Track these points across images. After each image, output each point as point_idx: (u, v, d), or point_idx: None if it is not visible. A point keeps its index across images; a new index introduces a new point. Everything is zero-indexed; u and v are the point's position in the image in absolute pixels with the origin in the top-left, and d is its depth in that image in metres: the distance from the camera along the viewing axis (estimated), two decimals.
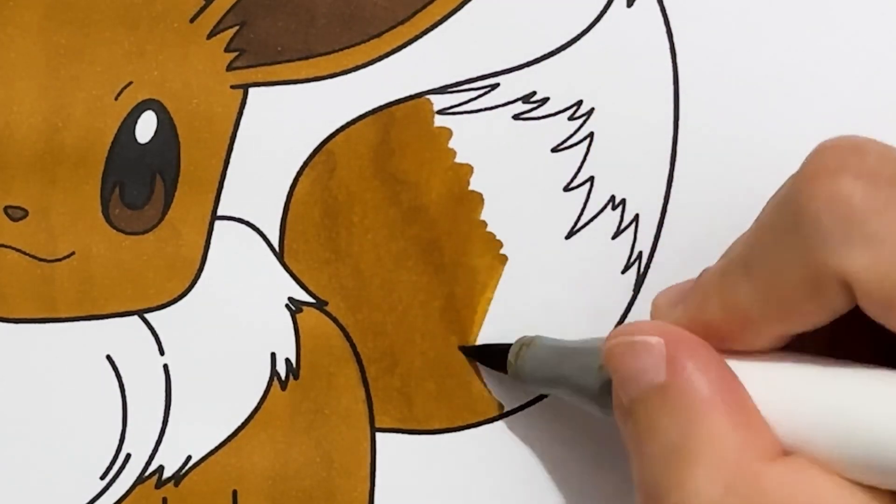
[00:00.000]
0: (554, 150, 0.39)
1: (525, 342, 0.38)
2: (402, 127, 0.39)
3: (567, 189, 0.39)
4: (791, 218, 0.30)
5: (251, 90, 0.39)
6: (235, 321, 0.39)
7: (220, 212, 0.39)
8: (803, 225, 0.29)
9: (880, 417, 0.29)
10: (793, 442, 0.30)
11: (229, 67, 0.39)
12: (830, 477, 0.30)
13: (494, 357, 0.39)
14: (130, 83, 0.39)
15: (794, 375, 0.31)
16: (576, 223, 0.39)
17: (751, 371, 0.31)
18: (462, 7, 0.39)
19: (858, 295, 0.29)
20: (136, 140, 0.39)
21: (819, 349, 0.32)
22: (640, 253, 0.39)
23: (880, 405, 0.29)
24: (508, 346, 0.38)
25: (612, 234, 0.39)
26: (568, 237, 0.39)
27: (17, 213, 0.39)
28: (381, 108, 0.39)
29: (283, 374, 0.39)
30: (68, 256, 0.39)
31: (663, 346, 0.31)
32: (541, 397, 0.39)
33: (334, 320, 0.39)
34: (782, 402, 0.31)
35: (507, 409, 0.39)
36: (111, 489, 0.39)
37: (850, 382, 0.30)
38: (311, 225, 0.39)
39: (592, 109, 0.39)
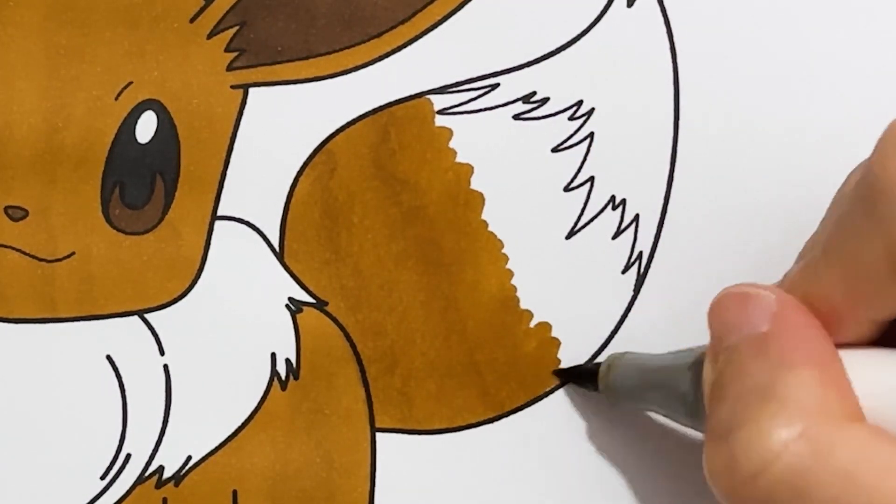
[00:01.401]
0: (554, 150, 0.39)
1: (615, 356, 0.38)
2: (402, 127, 0.39)
3: (567, 189, 0.39)
4: (867, 198, 0.30)
5: (251, 90, 0.39)
6: (235, 321, 0.39)
7: (220, 212, 0.39)
8: (880, 203, 0.29)
9: None
10: (876, 421, 0.30)
11: (229, 67, 0.39)
12: None
13: (585, 376, 0.39)
14: (130, 83, 0.39)
15: (883, 360, 0.31)
16: (576, 223, 0.39)
17: (843, 353, 0.31)
18: (462, 7, 0.39)
19: None
20: (136, 140, 0.39)
21: None
22: (640, 253, 0.39)
23: None
24: (598, 365, 0.38)
25: (612, 234, 0.39)
26: (568, 237, 0.39)
27: (17, 213, 0.39)
28: (381, 108, 0.39)
29: (283, 375, 0.39)
30: (68, 256, 0.39)
31: (773, 300, 0.31)
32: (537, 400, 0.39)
33: (334, 320, 0.39)
34: (871, 384, 0.31)
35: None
36: (111, 489, 0.39)
37: None
38: (311, 225, 0.39)
39: (592, 109, 0.39)
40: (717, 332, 0.32)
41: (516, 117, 0.39)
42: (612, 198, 0.39)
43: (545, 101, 0.39)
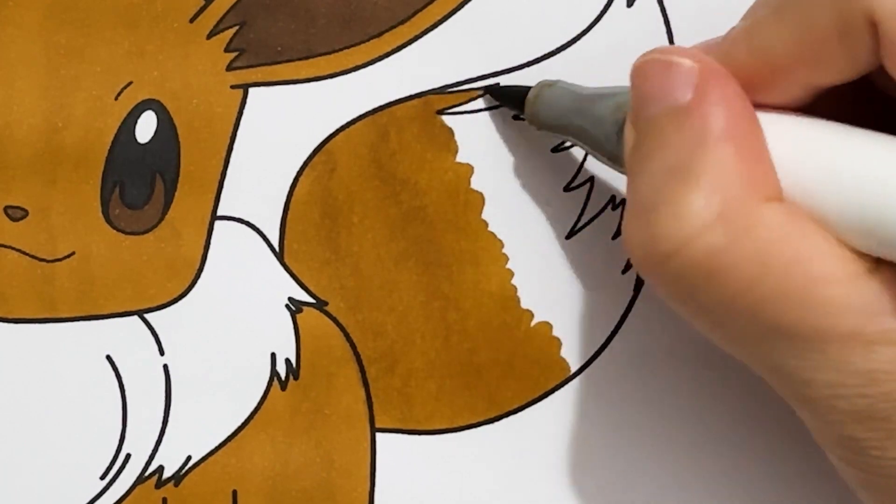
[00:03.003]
0: (554, 150, 0.39)
1: (546, 84, 0.37)
2: (402, 127, 0.39)
3: (567, 189, 0.39)
4: None
5: (251, 90, 0.39)
6: (235, 321, 0.39)
7: (220, 212, 0.39)
8: None
9: (883, 179, 0.29)
10: (793, 190, 0.30)
11: (229, 67, 0.39)
12: (819, 229, 0.30)
13: (514, 98, 0.38)
14: (130, 83, 0.39)
15: (808, 127, 0.31)
16: (576, 223, 0.39)
17: (769, 119, 0.31)
18: (462, 7, 0.39)
19: (883, 43, 0.29)
20: (136, 140, 0.39)
21: (840, 118, 0.31)
22: None
23: (884, 167, 0.29)
24: (528, 88, 0.38)
25: (612, 234, 0.39)
26: (568, 237, 0.39)
27: (17, 213, 0.39)
28: (381, 108, 0.39)
29: (283, 375, 0.39)
30: (68, 256, 0.39)
31: (696, 71, 0.31)
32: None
33: (334, 320, 0.39)
34: (792, 152, 0.30)
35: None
36: (111, 489, 0.39)
37: (859, 142, 0.30)
38: (311, 225, 0.39)
39: None
40: (638, 98, 0.32)
41: (516, 117, 0.39)
42: (612, 198, 0.39)
43: None
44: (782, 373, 0.30)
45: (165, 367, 0.39)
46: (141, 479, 0.39)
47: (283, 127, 0.39)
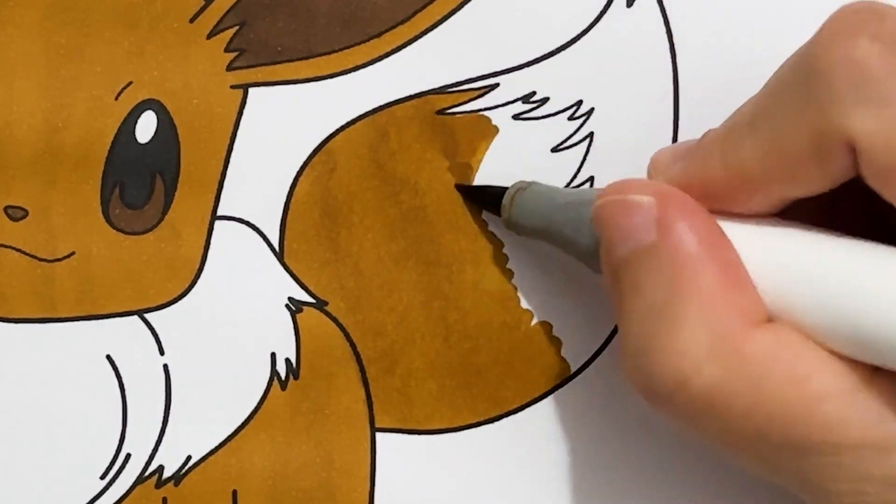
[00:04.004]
0: (554, 150, 0.39)
1: (521, 187, 0.37)
2: (402, 127, 0.39)
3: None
4: (803, 77, 0.29)
5: (251, 90, 0.39)
6: (235, 321, 0.39)
7: (220, 212, 0.39)
8: (815, 83, 0.29)
9: (867, 289, 0.29)
10: (778, 307, 0.30)
11: (229, 67, 0.39)
12: (811, 346, 0.30)
13: (490, 199, 0.38)
14: (130, 83, 0.39)
15: (786, 240, 0.31)
16: None
17: (744, 233, 0.31)
18: (462, 7, 0.39)
19: (861, 160, 0.29)
20: (136, 140, 0.39)
21: (815, 221, 0.31)
22: None
23: (868, 277, 0.29)
24: (505, 189, 0.38)
25: None
26: None
27: (17, 213, 0.39)
28: (381, 108, 0.39)
29: (283, 374, 0.39)
30: (68, 256, 0.39)
31: (654, 205, 0.31)
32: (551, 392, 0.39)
33: (334, 320, 0.39)
34: (771, 266, 0.30)
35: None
36: (111, 489, 0.39)
37: (840, 252, 0.30)
38: (311, 225, 0.39)
39: (592, 109, 0.39)
40: (605, 242, 0.32)
41: (516, 117, 0.39)
42: None
43: (545, 101, 0.39)
44: (806, 486, 0.30)
45: (165, 367, 0.39)
46: (141, 479, 0.39)
47: (283, 127, 0.39)
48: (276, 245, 0.39)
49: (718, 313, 0.30)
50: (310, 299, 0.39)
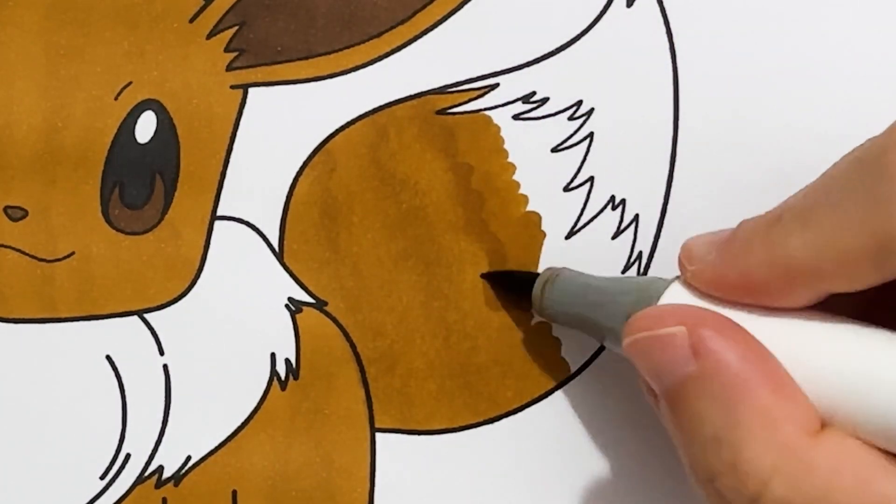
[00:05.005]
0: (554, 150, 0.39)
1: (552, 274, 0.37)
2: (402, 127, 0.39)
3: (567, 189, 0.39)
4: (868, 176, 0.29)
5: (251, 90, 0.39)
6: (235, 321, 0.39)
7: (220, 212, 0.39)
8: (881, 186, 0.29)
9: None
10: (829, 411, 0.30)
11: (229, 67, 0.39)
12: (871, 451, 0.30)
13: (518, 287, 0.38)
14: (130, 83, 0.39)
15: (828, 339, 0.31)
16: (576, 223, 0.39)
17: (783, 333, 0.31)
18: (462, 7, 0.39)
19: None
20: (135, 140, 0.39)
21: (850, 308, 0.31)
22: (640, 253, 0.39)
23: None
24: (535, 275, 0.38)
25: (612, 234, 0.39)
26: (568, 237, 0.39)
27: (17, 213, 0.39)
28: (381, 108, 0.39)
29: (282, 375, 0.39)
30: (68, 256, 0.39)
31: (686, 335, 0.31)
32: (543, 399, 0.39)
33: (334, 320, 0.39)
34: (816, 368, 0.30)
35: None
36: (111, 489, 0.39)
37: (884, 349, 0.30)
38: (311, 225, 0.39)
39: (592, 109, 0.39)
40: (645, 374, 0.32)
41: (516, 117, 0.39)
42: (612, 198, 0.39)
43: (545, 101, 0.39)
44: None
45: (165, 367, 0.39)
46: (141, 479, 0.39)
47: (283, 127, 0.39)
48: (275, 245, 0.39)
49: (778, 429, 0.30)
50: (309, 299, 0.39)
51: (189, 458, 0.39)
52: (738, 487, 0.30)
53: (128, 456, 0.39)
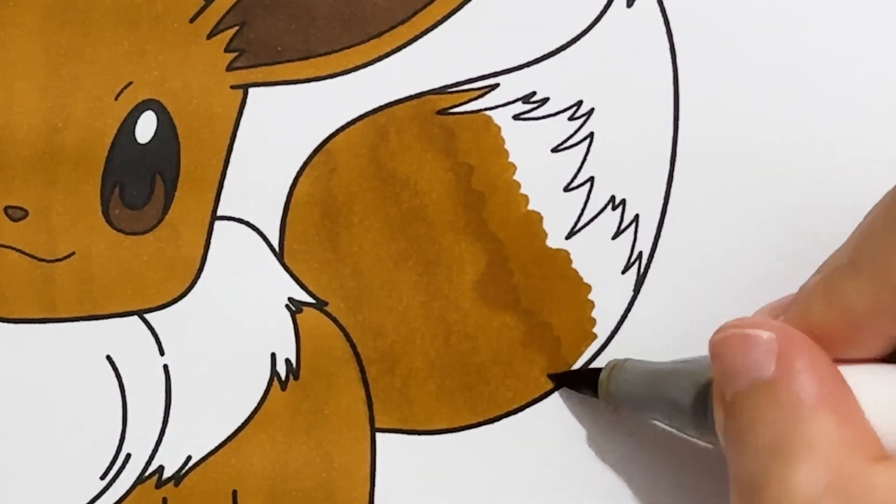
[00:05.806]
0: (554, 150, 0.39)
1: (616, 364, 0.38)
2: (402, 127, 0.39)
3: (567, 189, 0.39)
4: None
5: (251, 90, 0.39)
6: (235, 321, 0.39)
7: (220, 212, 0.39)
8: None
9: None
10: (892, 441, 0.30)
11: (229, 67, 0.39)
12: None
13: (584, 382, 0.39)
14: (130, 83, 0.39)
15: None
16: (576, 223, 0.39)
17: (857, 374, 0.31)
18: (462, 7, 0.39)
19: None
20: (135, 140, 0.39)
21: None
22: (640, 253, 0.39)
23: None
24: (598, 370, 0.38)
25: (612, 234, 0.39)
26: (568, 237, 0.39)
27: (17, 213, 0.39)
28: (381, 108, 0.39)
29: (283, 375, 0.39)
30: (68, 256, 0.39)
31: (774, 341, 0.31)
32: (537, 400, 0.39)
33: (334, 320, 0.39)
34: (887, 406, 0.30)
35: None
36: (111, 489, 0.39)
37: None
38: (311, 225, 0.39)
39: (592, 109, 0.39)
40: (721, 375, 0.32)
41: (516, 117, 0.39)
42: (612, 198, 0.39)
43: (545, 101, 0.39)
44: None
45: (165, 367, 0.39)
46: (141, 479, 0.39)
47: (283, 127, 0.39)
48: (275, 245, 0.39)
49: (836, 451, 0.30)
50: (310, 299, 0.39)
51: (189, 458, 0.39)
52: (785, 501, 0.30)
53: (128, 456, 0.39)
